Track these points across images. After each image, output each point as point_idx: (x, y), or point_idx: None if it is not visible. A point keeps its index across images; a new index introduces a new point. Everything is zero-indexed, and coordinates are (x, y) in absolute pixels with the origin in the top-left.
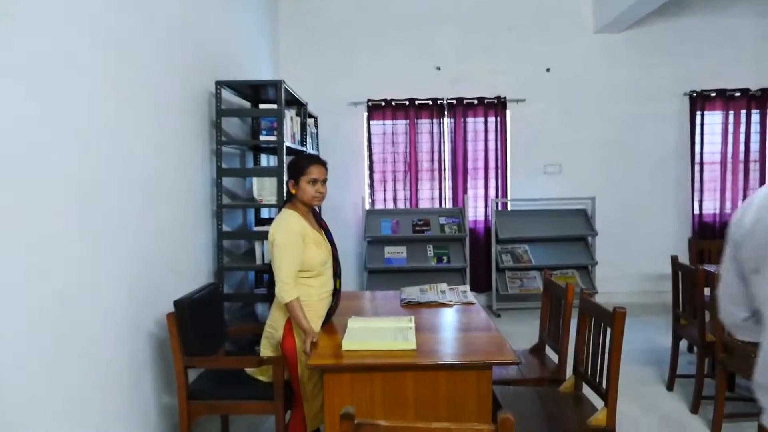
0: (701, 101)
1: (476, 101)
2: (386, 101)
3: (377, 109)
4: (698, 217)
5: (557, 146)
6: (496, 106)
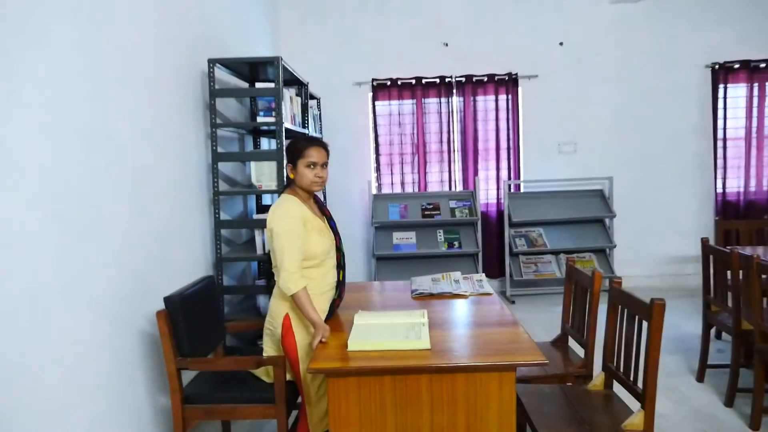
0: (724, 73)
1: (486, 78)
2: (392, 80)
3: (382, 88)
4: (721, 196)
5: (572, 124)
6: (507, 83)
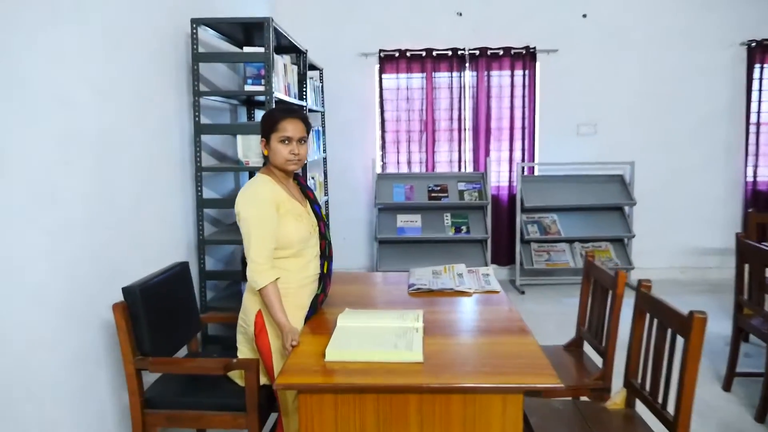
0: (761, 52)
1: (502, 52)
2: (400, 52)
3: (390, 60)
4: (751, 184)
5: (593, 104)
6: (524, 57)
